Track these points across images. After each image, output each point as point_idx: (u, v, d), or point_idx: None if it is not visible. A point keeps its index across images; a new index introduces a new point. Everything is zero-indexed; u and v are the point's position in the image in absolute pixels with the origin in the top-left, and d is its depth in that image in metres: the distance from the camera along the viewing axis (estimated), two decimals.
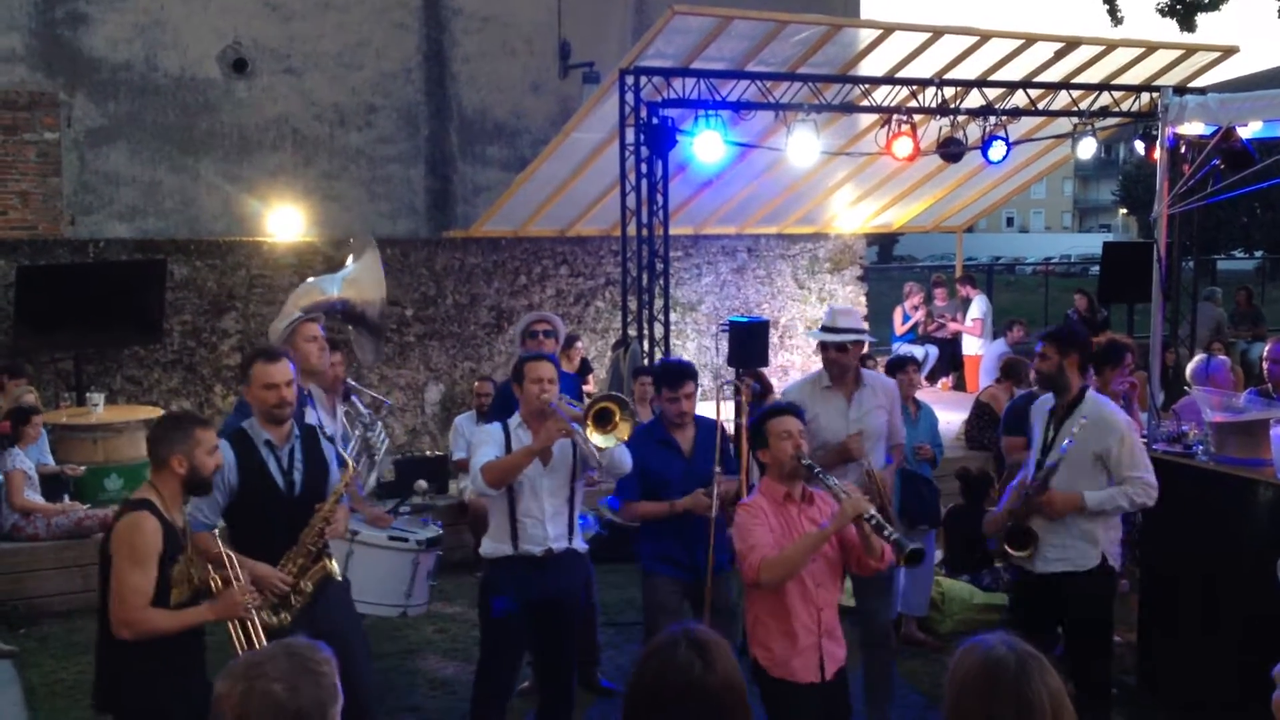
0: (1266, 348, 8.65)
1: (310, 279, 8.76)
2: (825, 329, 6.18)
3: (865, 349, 6.98)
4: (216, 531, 4.98)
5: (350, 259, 8.46)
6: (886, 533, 4.61)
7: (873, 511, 4.63)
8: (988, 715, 2.50)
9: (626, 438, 5.41)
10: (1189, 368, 7.83)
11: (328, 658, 2.53)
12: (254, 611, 4.49)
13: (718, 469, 5.86)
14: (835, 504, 4.80)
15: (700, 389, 13.57)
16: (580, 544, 5.68)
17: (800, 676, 4.78)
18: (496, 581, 5.54)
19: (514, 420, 5.56)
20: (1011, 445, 7.44)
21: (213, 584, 4.52)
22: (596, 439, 5.32)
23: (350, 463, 5.36)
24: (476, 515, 8.31)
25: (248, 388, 5.14)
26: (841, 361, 6.11)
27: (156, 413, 10.68)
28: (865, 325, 6.26)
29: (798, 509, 4.88)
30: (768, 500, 4.89)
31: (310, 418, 5.86)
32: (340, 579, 5.11)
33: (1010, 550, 5.78)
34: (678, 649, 2.61)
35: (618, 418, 5.38)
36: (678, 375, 6.03)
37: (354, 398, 7.04)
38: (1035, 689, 2.48)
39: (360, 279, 7.97)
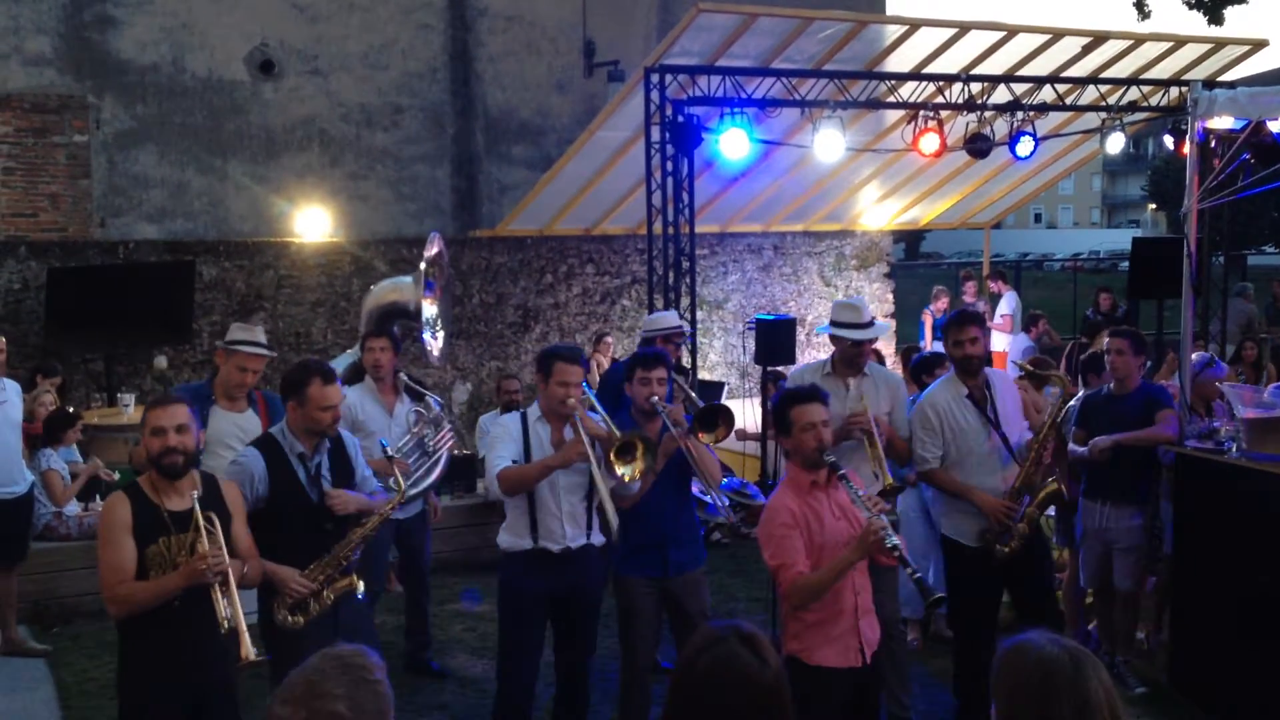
0: None
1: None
2: (849, 325, 6.20)
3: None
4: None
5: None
6: (909, 570, 4.61)
7: (895, 541, 4.59)
8: (1046, 717, 2.46)
9: (640, 473, 5.41)
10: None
11: (378, 664, 2.53)
12: (221, 574, 4.39)
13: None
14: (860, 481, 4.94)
15: (728, 387, 13.51)
16: (598, 539, 5.68)
17: (838, 662, 4.77)
18: (515, 574, 5.60)
19: (533, 413, 5.61)
20: (1078, 438, 7.36)
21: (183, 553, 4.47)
22: (617, 468, 5.37)
23: (402, 486, 5.43)
24: None
25: (295, 405, 5.14)
26: (860, 355, 6.23)
27: None
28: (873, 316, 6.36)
29: (825, 495, 4.85)
30: (793, 491, 4.85)
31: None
32: (362, 596, 5.14)
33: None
34: (729, 644, 2.59)
35: (639, 453, 5.40)
36: (653, 357, 5.98)
37: (430, 398, 7.09)
38: (1093, 687, 2.46)
39: (404, 283, 8.53)
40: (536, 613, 5.59)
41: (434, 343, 8.77)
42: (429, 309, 8.64)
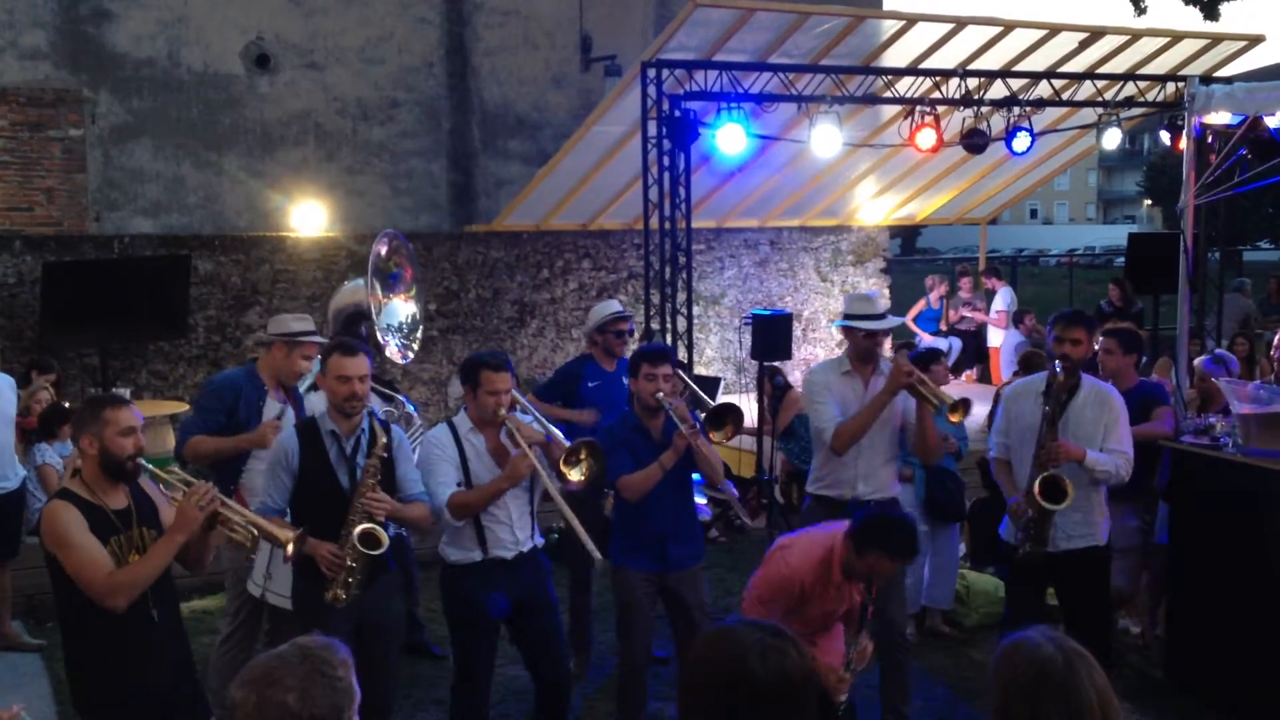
0: (1277, 337, 8.57)
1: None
2: (864, 316, 6.16)
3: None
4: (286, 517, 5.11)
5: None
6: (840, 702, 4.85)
7: (844, 697, 4.91)
8: (1037, 715, 2.48)
9: (589, 474, 5.40)
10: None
11: (344, 659, 2.51)
12: (217, 500, 4.32)
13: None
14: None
15: (724, 383, 13.49)
16: (539, 539, 5.64)
17: None
18: (474, 586, 5.45)
19: (463, 424, 5.49)
20: None
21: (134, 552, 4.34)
22: (568, 474, 5.37)
23: (380, 435, 5.29)
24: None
25: (322, 376, 5.25)
26: (875, 347, 6.18)
27: (182, 407, 10.76)
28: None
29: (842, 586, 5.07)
30: (818, 567, 5.02)
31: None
32: (380, 554, 5.05)
33: (1044, 502, 5.73)
34: (765, 640, 2.50)
35: (584, 455, 5.40)
36: (658, 353, 5.94)
37: (403, 397, 7.02)
38: (1084, 688, 2.47)
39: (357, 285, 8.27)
40: (492, 626, 5.49)
41: (396, 342, 8.33)
42: (405, 307, 8.38)
